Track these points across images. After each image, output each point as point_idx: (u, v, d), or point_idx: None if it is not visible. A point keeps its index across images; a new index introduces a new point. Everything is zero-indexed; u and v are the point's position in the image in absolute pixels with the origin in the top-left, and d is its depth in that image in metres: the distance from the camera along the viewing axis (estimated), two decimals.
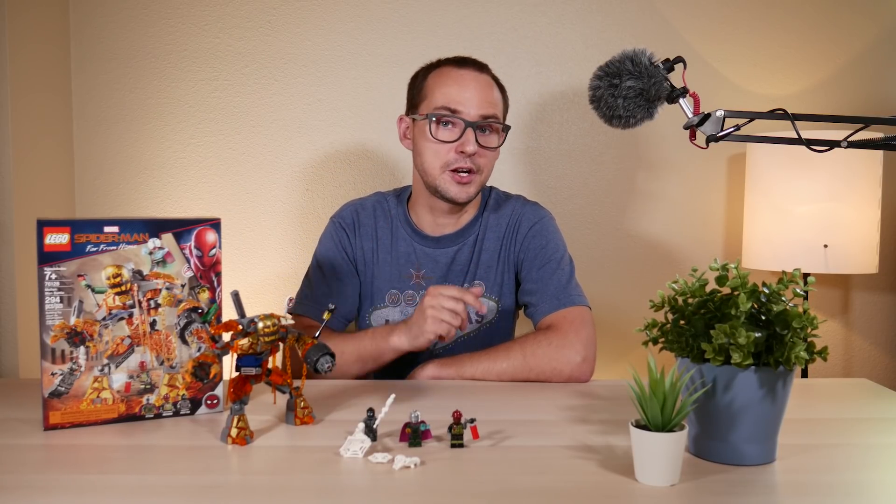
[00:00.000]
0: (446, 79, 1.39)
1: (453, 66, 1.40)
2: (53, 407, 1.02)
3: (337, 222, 1.49)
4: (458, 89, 1.37)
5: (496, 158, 1.44)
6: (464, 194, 1.39)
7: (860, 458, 0.94)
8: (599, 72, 0.98)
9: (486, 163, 1.39)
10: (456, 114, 1.36)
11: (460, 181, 1.38)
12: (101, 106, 1.93)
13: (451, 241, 1.47)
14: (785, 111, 0.95)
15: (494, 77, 1.44)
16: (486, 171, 1.41)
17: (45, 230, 1.00)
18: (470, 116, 1.36)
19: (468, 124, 1.35)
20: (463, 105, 1.36)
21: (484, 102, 1.37)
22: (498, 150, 1.42)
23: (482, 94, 1.37)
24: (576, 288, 1.42)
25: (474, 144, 1.35)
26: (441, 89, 1.38)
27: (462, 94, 1.36)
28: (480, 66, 1.42)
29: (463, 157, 1.36)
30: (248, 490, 0.82)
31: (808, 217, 1.70)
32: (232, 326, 0.97)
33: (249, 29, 1.92)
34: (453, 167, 1.37)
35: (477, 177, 1.39)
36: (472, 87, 1.37)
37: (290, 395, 1.04)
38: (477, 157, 1.37)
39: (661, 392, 0.82)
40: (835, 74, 1.94)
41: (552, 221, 1.49)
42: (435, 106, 1.37)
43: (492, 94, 1.39)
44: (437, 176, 1.39)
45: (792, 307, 0.86)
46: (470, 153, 1.35)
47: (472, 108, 1.36)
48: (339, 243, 1.47)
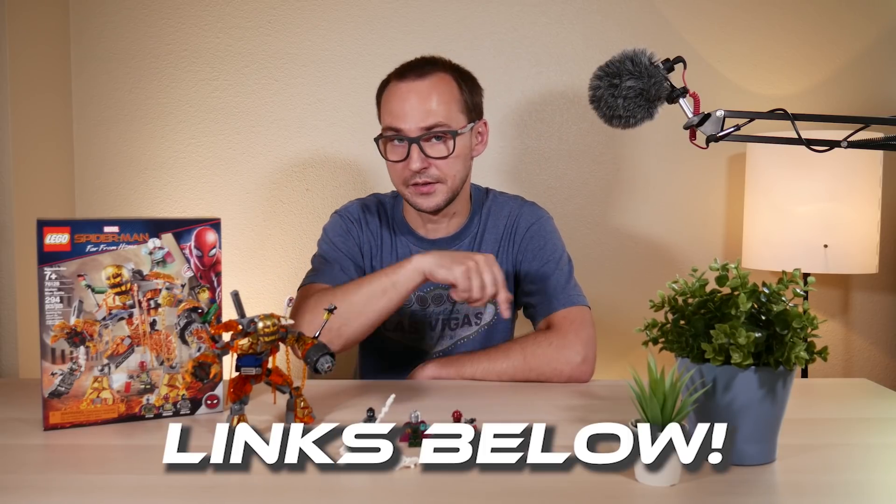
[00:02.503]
0: (389, 96, 1.37)
1: (395, 80, 1.36)
2: (53, 407, 1.02)
3: (344, 216, 1.47)
4: (398, 105, 1.34)
5: (465, 158, 1.39)
6: (430, 203, 1.37)
7: (860, 458, 0.94)
8: (599, 72, 0.98)
9: (445, 170, 1.35)
10: (399, 132, 1.33)
11: (421, 192, 1.36)
12: (101, 106, 1.93)
13: (448, 244, 1.45)
14: (785, 111, 0.95)
15: (451, 69, 1.38)
16: (452, 175, 1.36)
17: (45, 230, 1.00)
18: (411, 132, 1.33)
19: (410, 141, 1.32)
20: (404, 121, 1.33)
21: (422, 114, 1.32)
22: (458, 154, 1.36)
23: (420, 106, 1.32)
24: (575, 288, 1.41)
25: (419, 161, 1.32)
26: (386, 107, 1.37)
27: (402, 109, 1.33)
28: (422, 70, 1.35)
29: (414, 173, 1.34)
30: (249, 490, 0.82)
31: (808, 217, 1.70)
32: (232, 326, 0.97)
33: (249, 29, 1.92)
34: (412, 182, 1.35)
35: (440, 185, 1.36)
36: (411, 100, 1.33)
37: (290, 395, 1.04)
38: (431, 168, 1.34)
39: (661, 392, 0.82)
40: (835, 74, 1.94)
41: (550, 221, 1.48)
42: (383, 126, 1.37)
43: (431, 102, 1.33)
44: (402, 191, 1.39)
45: (792, 307, 0.86)
46: (416, 170, 1.33)
47: (413, 122, 1.32)
48: (347, 232, 1.45)
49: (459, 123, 1.36)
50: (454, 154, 1.35)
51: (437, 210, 1.39)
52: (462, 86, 1.38)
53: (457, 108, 1.36)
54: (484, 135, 1.44)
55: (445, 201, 1.38)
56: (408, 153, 1.33)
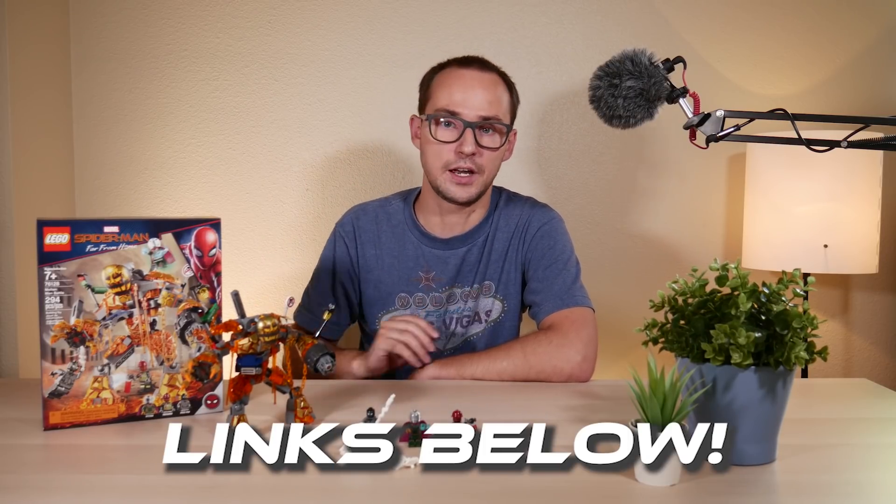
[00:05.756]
0: (449, 79, 1.39)
1: (457, 66, 1.41)
2: (53, 407, 1.02)
3: (338, 231, 1.52)
4: (459, 90, 1.37)
5: (501, 158, 1.44)
6: (464, 194, 1.39)
7: (860, 458, 0.94)
8: (599, 72, 0.98)
9: (487, 163, 1.39)
10: (456, 115, 1.36)
11: (459, 181, 1.38)
12: (101, 106, 1.93)
13: (461, 243, 1.46)
14: (785, 111, 0.95)
15: (504, 75, 1.43)
16: (489, 171, 1.40)
17: (45, 230, 1.00)
18: (469, 117, 1.36)
19: (467, 125, 1.35)
20: (463, 106, 1.36)
21: (484, 103, 1.36)
22: (501, 150, 1.41)
23: (483, 95, 1.36)
24: (580, 289, 1.42)
25: (472, 145, 1.35)
26: (443, 90, 1.39)
27: (463, 94, 1.36)
28: (485, 65, 1.41)
29: (462, 157, 1.36)
30: (249, 490, 0.82)
31: (808, 217, 1.70)
32: (232, 326, 0.97)
33: (249, 29, 1.92)
34: (452, 167, 1.37)
35: (478, 177, 1.38)
36: (473, 88, 1.37)
37: (290, 395, 1.04)
38: (476, 157, 1.37)
39: (661, 392, 0.82)
40: (835, 74, 1.94)
41: (561, 223, 1.50)
42: (437, 107, 1.38)
43: (494, 94, 1.38)
44: (437, 176, 1.40)
45: (792, 307, 0.86)
46: (468, 153, 1.35)
47: (472, 108, 1.36)
48: (338, 253, 1.49)
49: (508, 123, 1.42)
50: (501, 148, 1.41)
51: (469, 201, 1.41)
52: (511, 92, 1.44)
53: (507, 109, 1.42)
54: (512, 143, 1.48)
55: (478, 194, 1.41)
56: (459, 136, 1.36)
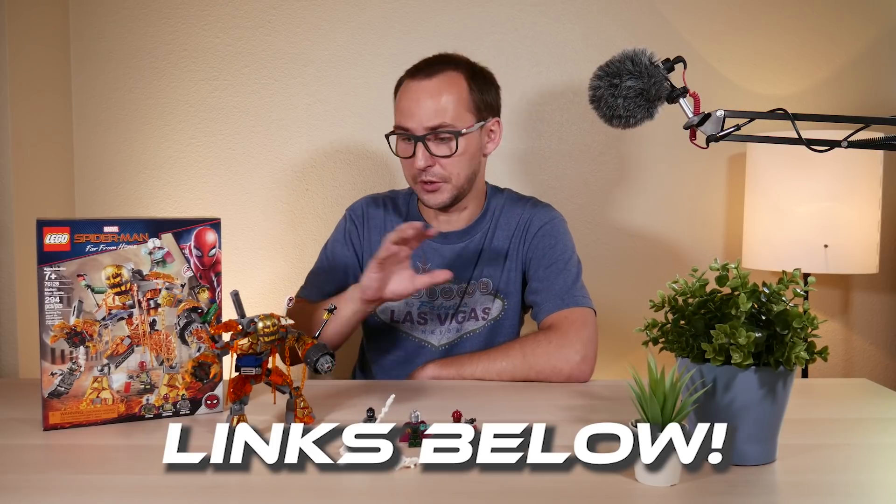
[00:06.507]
0: (400, 93, 1.41)
1: (408, 78, 1.41)
2: (53, 407, 1.01)
3: (348, 214, 1.54)
4: (405, 103, 1.38)
5: (472, 157, 1.40)
6: (435, 201, 1.41)
7: (860, 458, 0.94)
8: (599, 72, 0.98)
9: (450, 168, 1.38)
10: (407, 130, 1.38)
11: (428, 190, 1.40)
12: (101, 106, 1.93)
13: (458, 238, 1.48)
14: (785, 111, 0.95)
15: (461, 68, 1.39)
16: (456, 174, 1.39)
17: (45, 230, 1.00)
18: (417, 131, 1.36)
19: (416, 139, 1.36)
20: (412, 119, 1.36)
21: (429, 113, 1.35)
22: (463, 154, 1.37)
23: (428, 105, 1.35)
24: (581, 290, 1.42)
25: (423, 159, 1.36)
26: (397, 105, 1.42)
27: (409, 108, 1.37)
28: (432, 70, 1.38)
29: (421, 170, 1.38)
30: (249, 490, 0.82)
31: (808, 217, 1.70)
32: (232, 326, 0.97)
33: (249, 29, 1.92)
34: (419, 179, 1.40)
35: (446, 184, 1.39)
36: (418, 100, 1.36)
37: (289, 395, 1.04)
38: (436, 167, 1.38)
39: (661, 392, 0.82)
40: (835, 74, 1.94)
41: (563, 224, 1.50)
42: (395, 124, 1.41)
43: (437, 103, 1.35)
44: (412, 186, 1.45)
45: (792, 307, 0.86)
46: (421, 168, 1.37)
47: (419, 121, 1.36)
48: (348, 235, 1.51)
49: (466, 123, 1.38)
50: (458, 153, 1.38)
51: (443, 207, 1.43)
52: (472, 85, 1.40)
53: (464, 107, 1.38)
54: (496, 133, 1.47)
55: (451, 199, 1.42)
56: (414, 151, 1.37)
